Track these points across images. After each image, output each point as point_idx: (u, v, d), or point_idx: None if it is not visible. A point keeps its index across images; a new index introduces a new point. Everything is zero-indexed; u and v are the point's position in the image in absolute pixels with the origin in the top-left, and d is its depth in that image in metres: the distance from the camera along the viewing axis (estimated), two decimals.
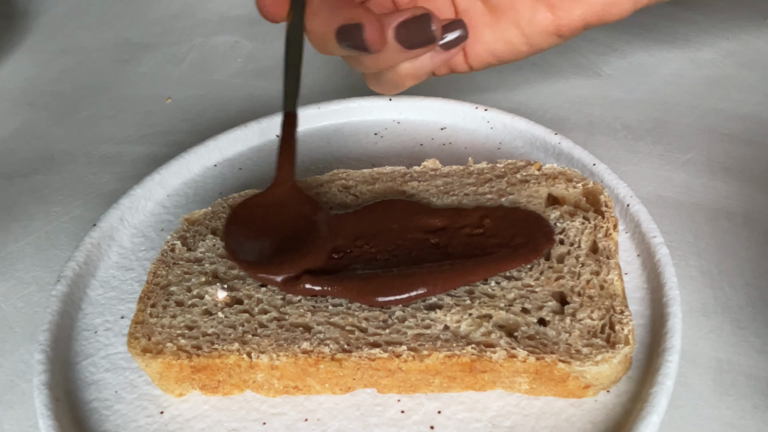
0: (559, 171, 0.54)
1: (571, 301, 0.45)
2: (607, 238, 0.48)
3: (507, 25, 0.51)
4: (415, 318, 0.45)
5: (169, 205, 0.63)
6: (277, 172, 0.51)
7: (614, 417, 0.43)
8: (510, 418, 0.43)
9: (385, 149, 0.66)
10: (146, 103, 0.82)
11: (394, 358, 0.43)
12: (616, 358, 0.41)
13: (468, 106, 0.67)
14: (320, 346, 0.44)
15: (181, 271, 0.51)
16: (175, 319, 0.47)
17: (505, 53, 0.53)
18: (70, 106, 0.83)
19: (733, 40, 0.81)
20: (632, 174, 0.61)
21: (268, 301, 0.47)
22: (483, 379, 0.44)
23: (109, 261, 0.57)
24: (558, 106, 0.73)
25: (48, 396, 0.46)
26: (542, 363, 0.42)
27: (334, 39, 0.48)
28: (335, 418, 0.45)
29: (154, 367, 0.45)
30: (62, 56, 0.94)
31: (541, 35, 0.51)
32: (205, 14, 1.01)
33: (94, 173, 0.72)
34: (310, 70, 0.86)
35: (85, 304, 0.54)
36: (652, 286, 0.49)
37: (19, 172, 0.73)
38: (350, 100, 0.70)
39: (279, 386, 0.45)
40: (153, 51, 0.93)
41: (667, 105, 0.72)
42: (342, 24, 0.47)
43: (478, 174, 0.55)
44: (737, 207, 0.58)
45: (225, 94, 0.83)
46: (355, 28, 0.47)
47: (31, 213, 0.67)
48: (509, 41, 0.52)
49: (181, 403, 0.47)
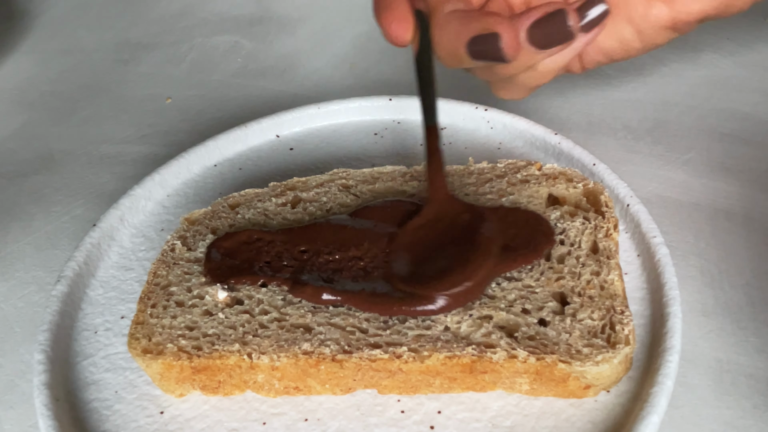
0: (559, 171, 0.54)
1: (572, 301, 0.45)
2: (607, 238, 0.48)
3: (620, 22, 0.48)
4: (415, 319, 0.45)
5: (169, 205, 0.63)
6: (431, 187, 0.50)
7: (614, 417, 0.43)
8: (510, 418, 0.43)
9: (385, 149, 0.66)
10: (146, 103, 0.82)
11: (395, 359, 0.43)
12: (617, 358, 0.41)
13: (468, 106, 0.67)
14: (321, 347, 0.44)
15: (181, 271, 0.51)
16: (176, 320, 0.47)
17: (618, 51, 0.50)
18: (70, 106, 0.83)
19: (733, 40, 0.81)
20: (632, 174, 0.61)
21: (268, 301, 0.47)
22: (483, 380, 0.44)
23: (109, 261, 0.57)
24: (558, 106, 0.73)
25: (48, 396, 0.46)
26: (543, 363, 0.42)
27: (466, 52, 0.44)
28: (335, 418, 0.45)
29: (155, 368, 0.45)
30: (62, 56, 0.94)
31: (655, 30, 0.48)
32: (205, 14, 1.01)
33: (94, 173, 0.72)
34: (310, 70, 0.86)
35: (85, 304, 0.54)
36: (652, 286, 0.49)
37: (19, 172, 0.73)
38: (350, 100, 0.70)
39: (279, 387, 0.45)
40: (153, 51, 0.93)
41: (667, 105, 0.72)
42: (474, 35, 0.44)
43: (479, 174, 0.55)
44: (737, 207, 0.58)
45: (225, 94, 0.83)
46: (489, 38, 0.43)
47: (31, 213, 0.67)
48: (622, 38, 0.48)
49: (182, 403, 0.47)
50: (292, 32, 0.94)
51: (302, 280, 0.48)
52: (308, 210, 0.54)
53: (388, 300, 0.46)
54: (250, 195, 0.56)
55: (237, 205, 0.55)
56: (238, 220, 0.54)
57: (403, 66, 0.85)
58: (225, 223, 0.54)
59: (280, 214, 0.54)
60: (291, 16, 0.97)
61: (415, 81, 0.49)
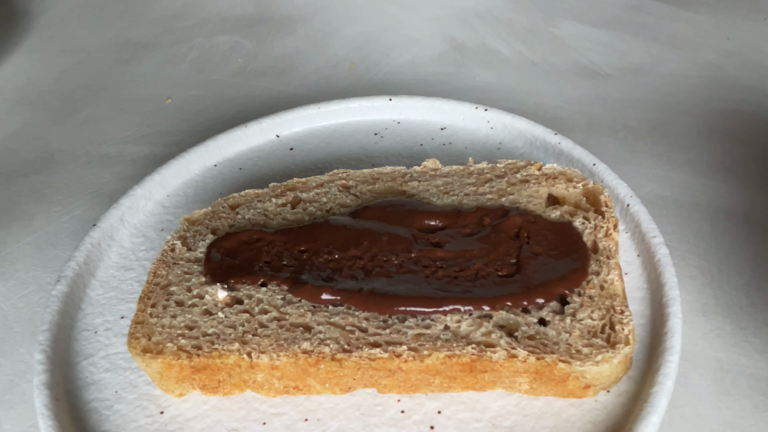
0: (559, 171, 0.54)
1: (572, 301, 0.45)
2: (607, 238, 0.48)
3: None
4: (415, 318, 0.45)
5: (169, 205, 0.63)
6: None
7: (614, 417, 0.43)
8: (510, 418, 0.43)
9: (385, 149, 0.66)
10: (146, 103, 0.82)
11: (395, 358, 0.43)
12: (617, 358, 0.41)
13: (468, 106, 0.67)
14: (320, 346, 0.44)
15: (181, 271, 0.51)
16: (176, 319, 0.47)
17: None
18: (70, 106, 0.83)
19: (733, 40, 0.81)
20: (632, 174, 0.61)
21: (268, 301, 0.47)
22: (483, 379, 0.44)
23: (109, 261, 0.57)
24: (558, 106, 0.73)
25: (48, 396, 0.46)
26: (542, 363, 0.42)
27: None
28: (335, 418, 0.45)
29: (155, 367, 0.45)
30: (62, 56, 0.94)
31: None
32: (205, 14, 1.01)
33: (94, 173, 0.72)
34: (310, 70, 0.86)
35: (85, 304, 0.54)
36: (652, 286, 0.49)
37: (19, 172, 0.73)
38: (350, 100, 0.70)
39: (279, 386, 0.45)
40: (153, 51, 0.93)
41: (667, 105, 0.72)
42: None
43: (478, 174, 0.55)
44: (737, 207, 0.58)
45: (225, 94, 0.83)
46: None
47: (31, 213, 0.67)
48: None
49: (181, 403, 0.47)
50: (292, 32, 0.94)
51: (302, 280, 0.48)
52: (308, 210, 0.54)
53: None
54: (250, 195, 0.56)
55: (237, 205, 0.55)
56: (238, 221, 0.54)
57: (403, 66, 0.85)
58: (225, 224, 0.54)
59: (280, 215, 0.54)
60: (291, 16, 0.97)
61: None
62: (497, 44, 0.87)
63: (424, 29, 0.92)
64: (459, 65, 0.84)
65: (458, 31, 0.91)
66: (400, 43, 0.89)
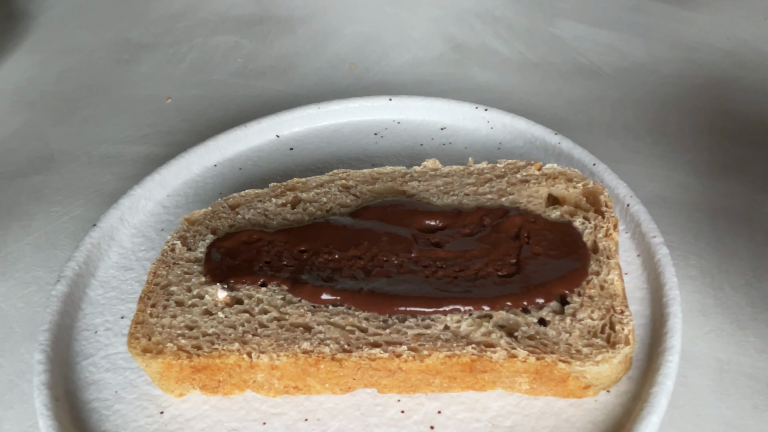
0: (559, 171, 0.54)
1: (572, 301, 0.45)
2: (607, 238, 0.48)
3: None
4: (415, 318, 0.45)
5: (169, 205, 0.63)
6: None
7: (614, 417, 0.43)
8: (510, 418, 0.43)
9: (385, 149, 0.66)
10: (146, 103, 0.82)
11: (395, 358, 0.43)
12: (617, 358, 0.41)
13: (468, 106, 0.67)
14: (320, 346, 0.44)
15: (181, 271, 0.51)
16: (176, 319, 0.47)
17: None
18: (70, 106, 0.83)
19: (733, 40, 0.81)
20: (632, 174, 0.61)
21: (268, 301, 0.47)
22: (483, 379, 0.44)
23: (109, 261, 0.57)
24: (558, 106, 0.73)
25: (48, 396, 0.46)
26: (542, 363, 0.42)
27: None
28: (335, 418, 0.45)
29: (155, 367, 0.45)
30: (62, 56, 0.94)
31: None
32: (205, 14, 1.01)
33: (94, 173, 0.72)
34: (310, 70, 0.86)
35: (85, 304, 0.54)
36: (652, 286, 0.49)
37: (19, 172, 0.73)
38: (350, 100, 0.70)
39: (279, 386, 0.45)
40: (153, 51, 0.93)
41: (667, 105, 0.72)
42: None
43: (478, 174, 0.55)
44: (737, 207, 0.58)
45: (225, 94, 0.83)
46: None
47: (31, 213, 0.67)
48: None
49: (181, 403, 0.47)
50: (292, 32, 0.94)
51: (302, 280, 0.48)
52: (308, 210, 0.54)
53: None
54: (250, 195, 0.56)
55: (237, 205, 0.55)
56: (238, 221, 0.54)
57: (403, 66, 0.85)
58: (225, 224, 0.54)
59: (280, 215, 0.54)
60: (291, 16, 0.97)
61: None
62: (497, 44, 0.87)
63: (424, 29, 0.92)
64: (459, 65, 0.84)
65: (458, 31, 0.91)
66: (400, 43, 0.89)
